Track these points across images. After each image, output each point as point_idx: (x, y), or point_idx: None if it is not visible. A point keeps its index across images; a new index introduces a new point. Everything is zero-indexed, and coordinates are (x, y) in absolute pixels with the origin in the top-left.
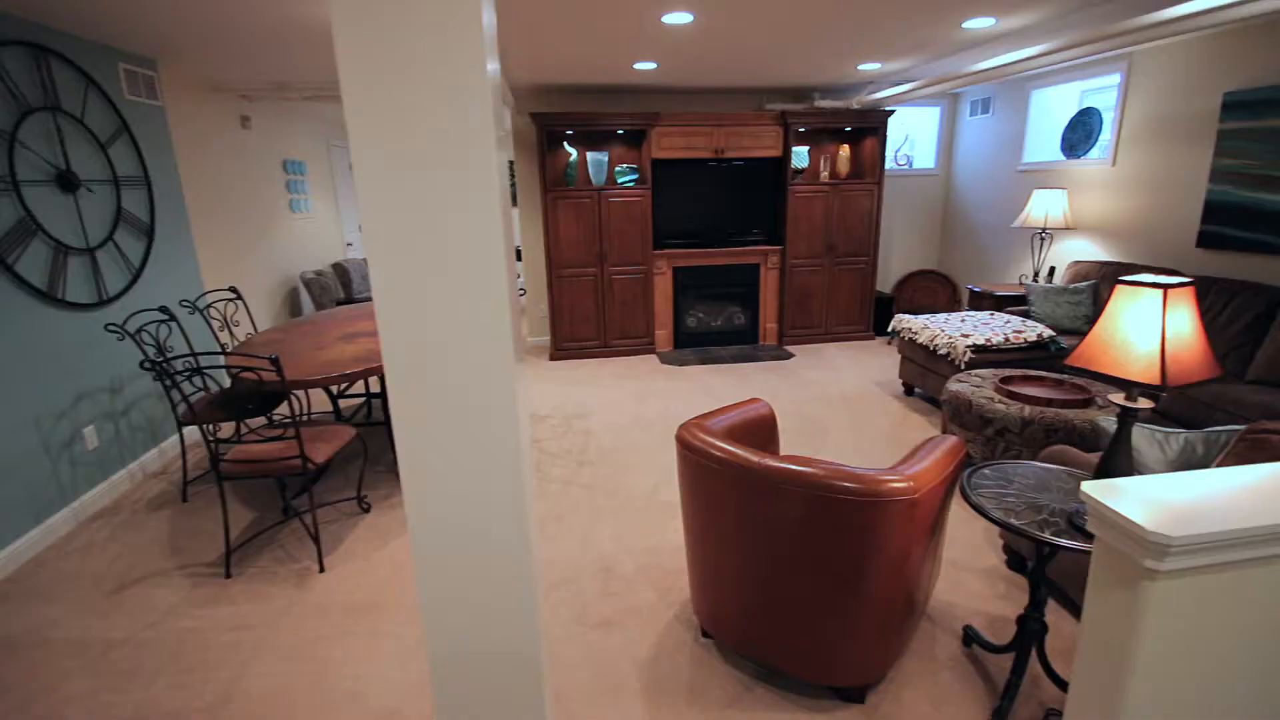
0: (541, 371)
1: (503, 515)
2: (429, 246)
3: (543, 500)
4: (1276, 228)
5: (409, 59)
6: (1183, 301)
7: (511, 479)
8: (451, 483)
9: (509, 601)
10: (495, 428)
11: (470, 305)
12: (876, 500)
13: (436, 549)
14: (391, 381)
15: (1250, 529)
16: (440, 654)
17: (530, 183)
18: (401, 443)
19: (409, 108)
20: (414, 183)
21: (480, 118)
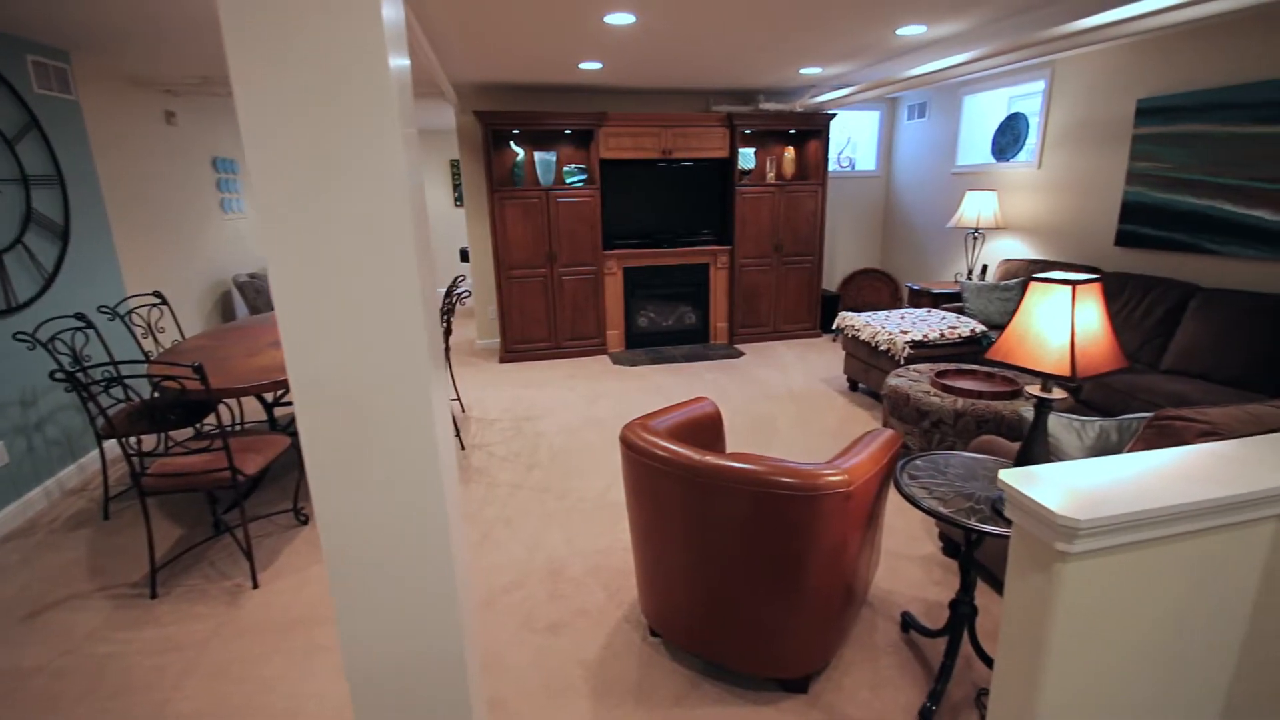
0: (492, 374)
1: (421, 524)
2: (330, 248)
3: (491, 505)
4: (1186, 227)
5: (303, 54)
6: (1090, 297)
7: (429, 487)
8: (364, 493)
9: (431, 613)
10: (410, 434)
11: (378, 310)
12: (813, 494)
13: (351, 561)
14: (296, 389)
15: (1152, 510)
16: (357, 669)
17: (476, 182)
18: (310, 456)
19: (304, 105)
20: (312, 183)
21: (383, 116)
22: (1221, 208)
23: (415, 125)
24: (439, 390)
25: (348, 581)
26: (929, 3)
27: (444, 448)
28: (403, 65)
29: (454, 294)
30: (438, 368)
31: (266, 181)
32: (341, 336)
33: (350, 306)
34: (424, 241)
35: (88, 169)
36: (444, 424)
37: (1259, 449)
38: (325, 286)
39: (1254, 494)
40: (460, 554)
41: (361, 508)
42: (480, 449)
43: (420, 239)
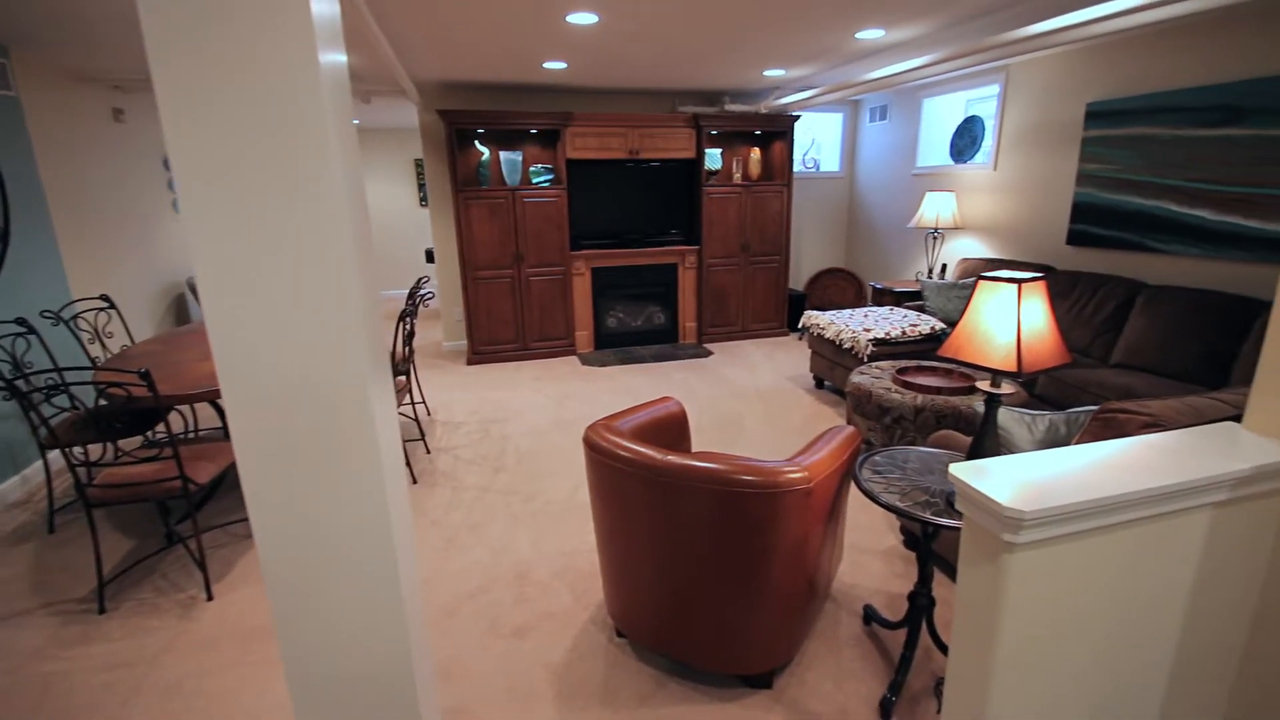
0: (459, 376)
1: (364, 533)
2: (258, 247)
3: (457, 509)
4: (1133, 226)
5: (226, 48)
6: (1035, 295)
7: (371, 494)
8: (301, 501)
9: (376, 625)
10: (350, 439)
11: (311, 310)
12: (774, 491)
13: (289, 572)
14: (227, 392)
15: (1094, 501)
16: (301, 686)
17: (441, 182)
18: (243, 463)
19: (228, 101)
20: (237, 181)
21: (313, 112)
22: (1166, 208)
23: (352, 122)
24: (381, 393)
25: (287, 593)
26: (887, 7)
27: (388, 453)
28: (336, 61)
29: (417, 296)
30: (380, 370)
31: (189, 179)
32: (271, 338)
33: (281, 307)
34: (363, 241)
35: (28, 168)
36: (388, 428)
37: (1196, 440)
38: (254, 287)
39: (1190, 483)
40: (408, 563)
41: (299, 516)
42: (446, 452)
43: (358, 238)
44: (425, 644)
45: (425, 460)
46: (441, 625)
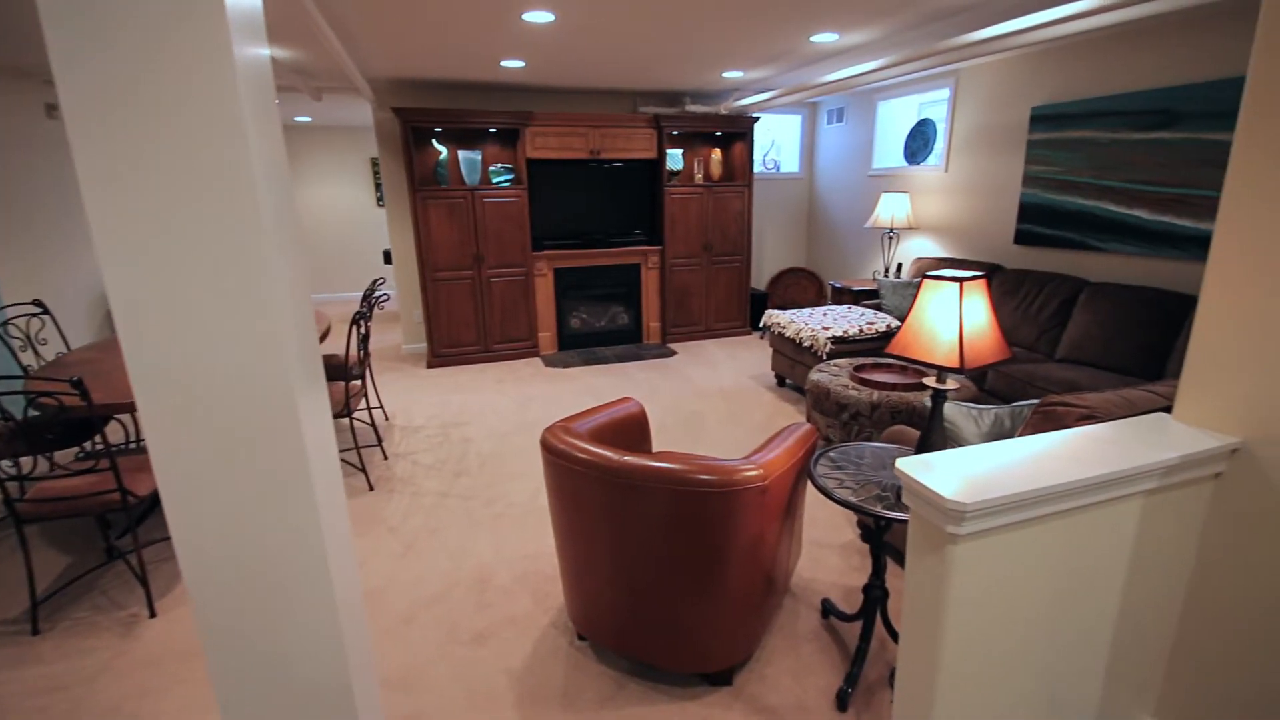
0: (419, 380)
1: (294, 547)
2: (171, 247)
3: (416, 515)
4: (1076, 226)
5: (134, 40)
6: (976, 293)
7: (300, 506)
8: (225, 516)
9: (310, 643)
10: (276, 449)
11: (228, 314)
12: (730, 490)
13: (216, 589)
14: (141, 402)
15: (1032, 491)
16: (232, 706)
17: (397, 181)
18: (161, 476)
19: (136, 96)
20: (148, 183)
21: (226, 108)
22: (1105, 208)
23: (275, 118)
24: (312, 399)
25: (213, 612)
26: (840, 12)
27: (321, 462)
28: (256, 56)
29: (372, 297)
30: (310, 375)
31: (93, 179)
32: (187, 343)
33: (197, 311)
34: (288, 240)
35: None
36: (320, 437)
37: (1129, 431)
38: (168, 290)
39: (1122, 472)
40: (347, 578)
41: (222, 531)
42: (405, 457)
43: (282, 238)
44: (367, 663)
45: (383, 466)
46: (399, 634)
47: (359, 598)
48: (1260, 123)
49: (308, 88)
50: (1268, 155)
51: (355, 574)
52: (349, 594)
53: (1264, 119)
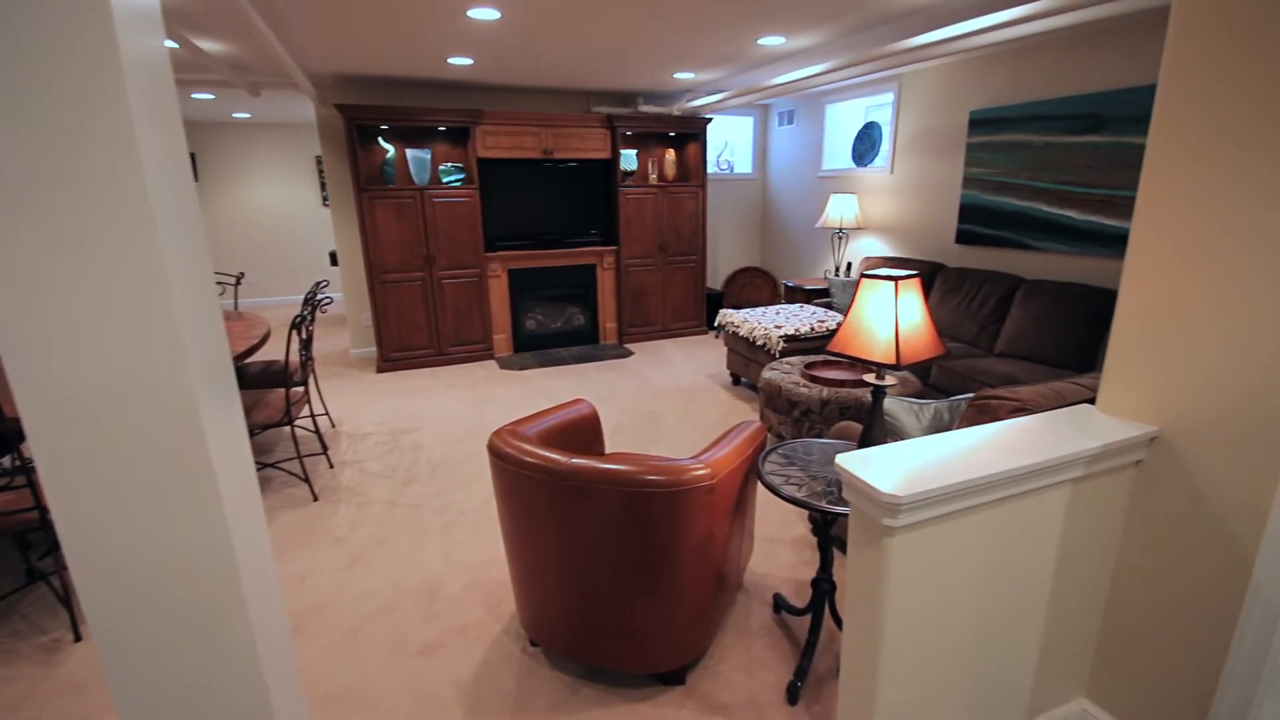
0: (368, 385)
1: (199, 573)
2: (51, 253)
3: (363, 526)
4: (1012, 226)
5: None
6: (911, 291)
7: (209, 527)
8: (120, 537)
9: (222, 674)
10: (179, 465)
11: (120, 322)
12: (678, 489)
13: (114, 618)
14: (27, 420)
15: (964, 482)
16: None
17: (342, 181)
18: (51, 494)
19: (11, 89)
20: (23, 177)
21: (111, 107)
22: (1039, 208)
23: (175, 112)
24: (219, 408)
25: (114, 639)
26: (785, 15)
27: (231, 476)
28: (149, 49)
29: (314, 300)
30: (217, 382)
31: None
32: (74, 349)
33: (84, 315)
34: (188, 245)
35: None
36: (230, 448)
37: (1056, 422)
38: (50, 292)
39: (1049, 462)
40: (265, 603)
41: (118, 554)
42: (351, 466)
43: (181, 243)
44: (292, 692)
45: (328, 475)
46: (344, 648)
47: (281, 621)
48: (1170, 127)
49: (244, 83)
50: (1177, 158)
51: (276, 595)
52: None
53: (1173, 124)
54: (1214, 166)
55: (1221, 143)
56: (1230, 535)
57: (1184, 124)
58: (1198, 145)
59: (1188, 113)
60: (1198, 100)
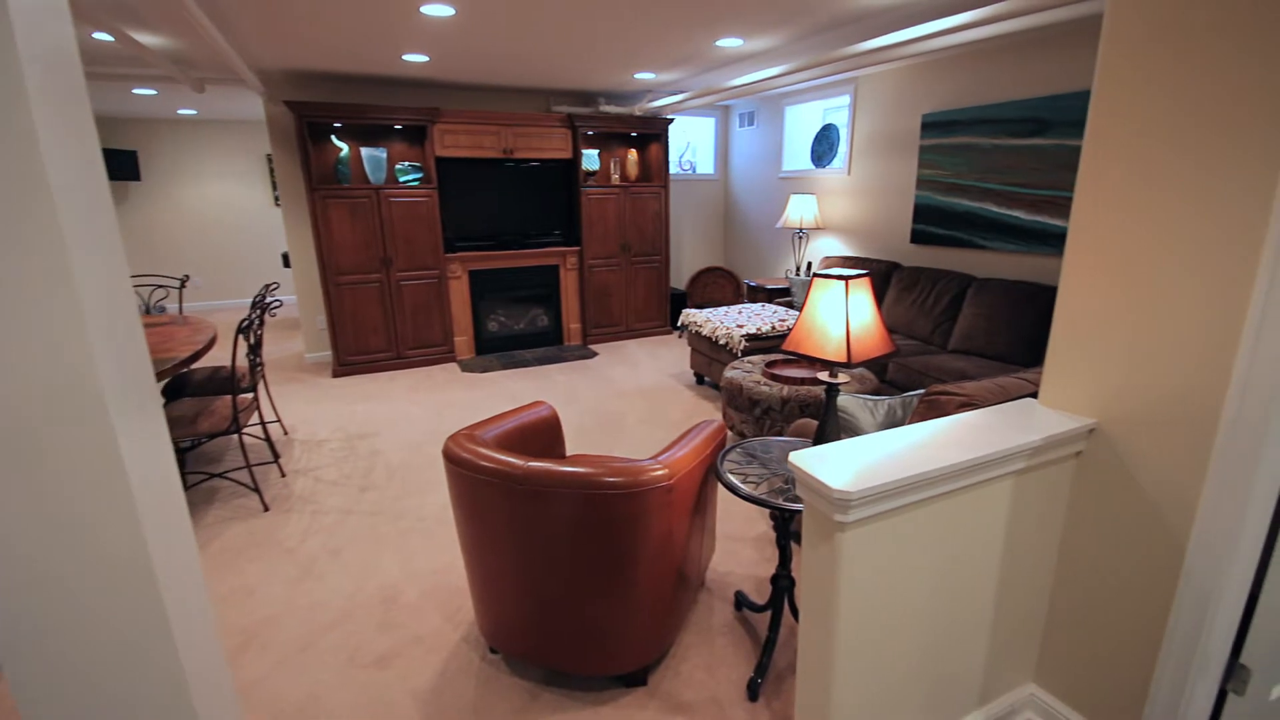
0: (323, 390)
1: (115, 598)
2: None
3: (315, 535)
4: (963, 225)
5: None
6: (861, 290)
7: (123, 548)
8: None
9: (145, 699)
10: (84, 483)
11: (19, 344)
12: (636, 491)
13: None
14: None
15: (913, 477)
16: None
17: (293, 180)
18: None
19: None
20: None
21: (7, 100)
22: (988, 209)
23: (86, 113)
24: (136, 420)
25: (25, 666)
26: (743, 17)
27: (150, 492)
28: (52, 38)
29: (261, 304)
30: (135, 397)
31: None
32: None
33: None
34: (99, 245)
35: None
36: (149, 462)
37: (1000, 416)
38: None
39: (993, 455)
40: (195, 628)
41: (28, 575)
42: (305, 474)
43: (91, 241)
44: (226, 714)
45: (280, 485)
46: (295, 663)
47: (212, 642)
48: (1102, 132)
49: (187, 78)
50: (1109, 163)
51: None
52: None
53: (1105, 129)
54: (1142, 170)
55: (1150, 148)
56: (1164, 523)
57: (1115, 129)
58: (1128, 150)
59: (1118, 118)
60: (1127, 106)
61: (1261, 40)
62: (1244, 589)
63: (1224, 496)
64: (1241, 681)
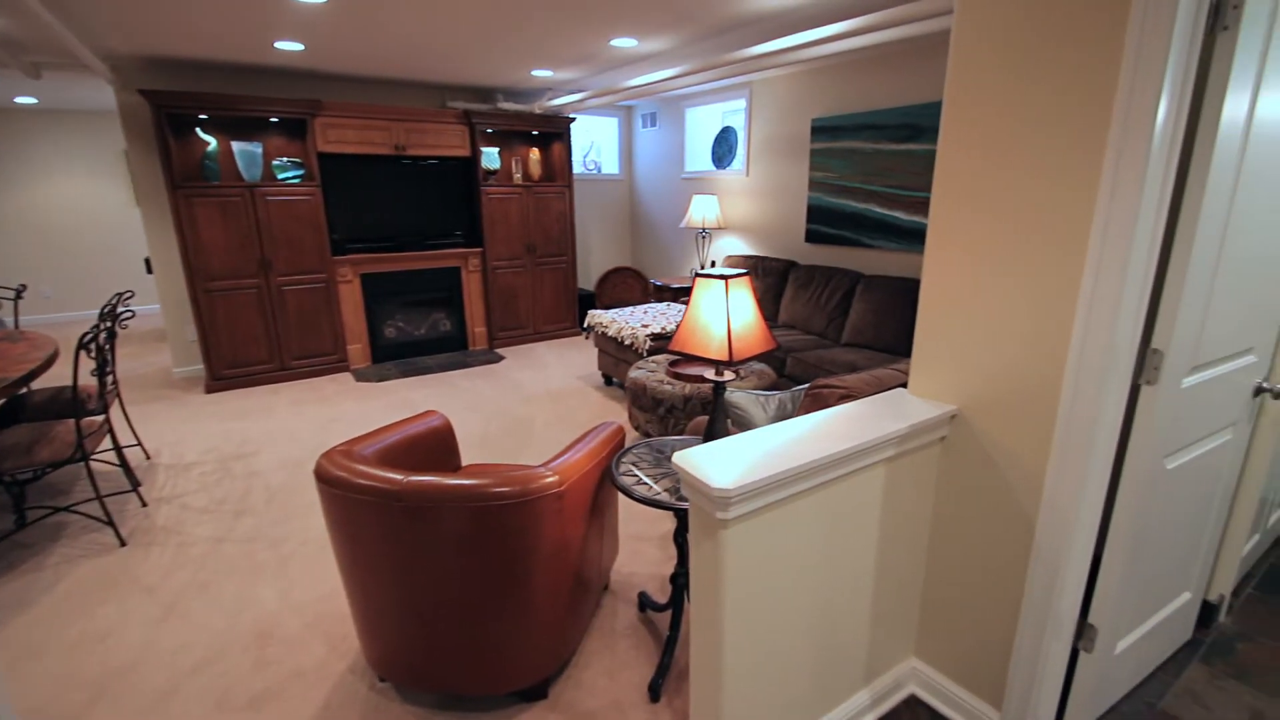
0: (194, 408)
1: None
2: None
3: (181, 570)
4: (851, 225)
5: None
6: (741, 289)
7: None
8: None
9: None
10: None
11: None
12: (524, 500)
13: None
14: None
15: (790, 470)
16: None
17: (151, 177)
18: None
19: None
20: None
21: None
22: (873, 210)
23: None
24: None
25: None
26: (634, 17)
27: None
28: None
29: (111, 315)
30: None
31: None
32: None
33: None
34: None
35: None
36: None
37: (874, 406)
38: None
39: (866, 444)
40: None
41: None
42: (170, 502)
43: None
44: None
45: (139, 516)
46: (155, 713)
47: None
48: (952, 139)
49: (19, 63)
50: (959, 167)
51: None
52: None
53: (955, 136)
54: (986, 176)
55: (990, 155)
56: (1017, 498)
57: (963, 137)
58: (973, 157)
59: (966, 127)
60: (974, 114)
61: (1082, 55)
62: (1087, 555)
63: (1065, 472)
64: (1090, 639)
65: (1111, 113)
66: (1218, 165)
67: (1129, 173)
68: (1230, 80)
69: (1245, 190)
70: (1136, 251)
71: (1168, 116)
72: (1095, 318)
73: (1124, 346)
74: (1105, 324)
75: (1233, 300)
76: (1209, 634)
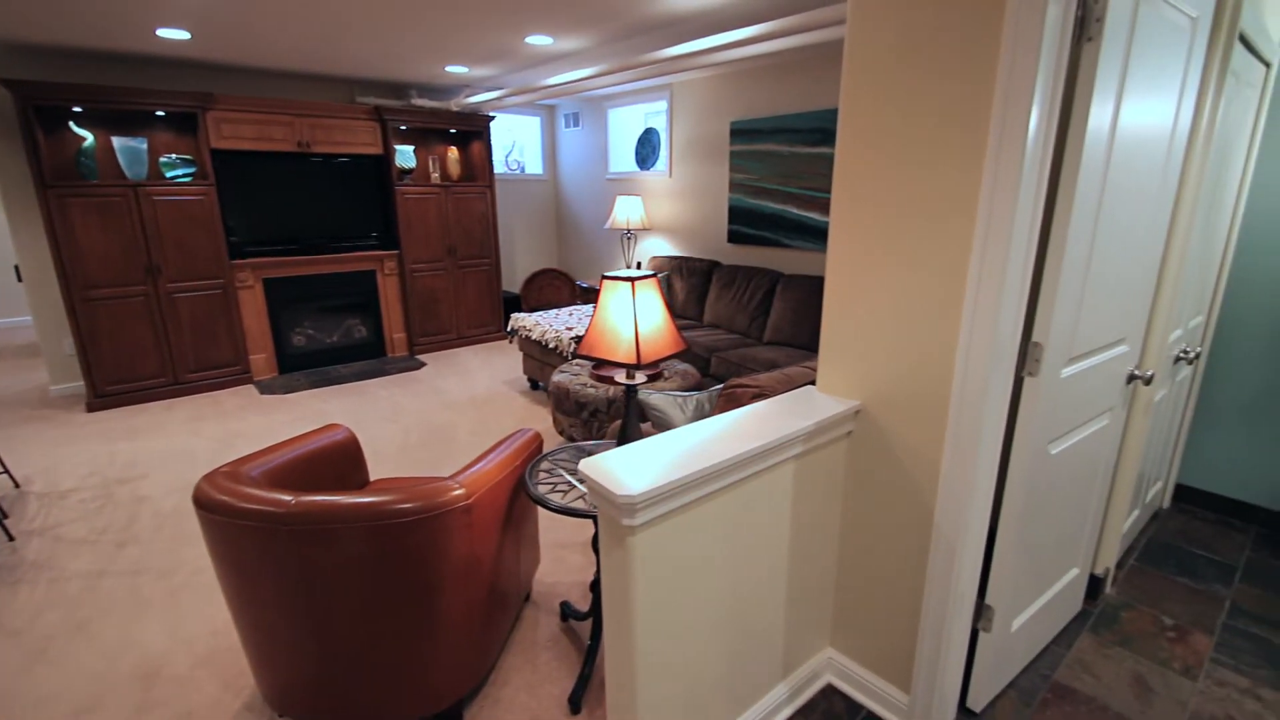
0: (74, 429)
1: None
2: None
3: (53, 609)
4: (771, 226)
5: None
6: (648, 291)
7: None
8: None
9: None
10: None
11: None
12: (429, 515)
13: None
14: None
15: (698, 472)
16: None
17: (17, 175)
18: None
19: None
20: None
21: None
22: (790, 211)
23: None
24: None
25: None
26: (549, 15)
27: None
28: None
29: None
30: None
31: None
32: None
33: None
34: None
35: None
36: None
37: (784, 404)
38: None
39: (774, 442)
40: None
41: None
42: (41, 534)
43: None
44: None
45: (4, 552)
46: None
47: None
48: (848, 143)
49: None
50: (855, 171)
51: None
52: None
53: (850, 141)
54: (880, 178)
55: (882, 158)
56: (917, 487)
57: (858, 141)
58: (868, 160)
59: (860, 131)
60: (867, 120)
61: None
62: (981, 540)
63: (959, 461)
64: (988, 619)
65: (989, 125)
66: (1086, 169)
67: (1006, 178)
68: (1095, 88)
69: (1112, 192)
70: (1015, 252)
71: (1039, 124)
72: (980, 314)
73: (1007, 341)
74: (989, 320)
75: (1105, 295)
76: (1096, 605)
